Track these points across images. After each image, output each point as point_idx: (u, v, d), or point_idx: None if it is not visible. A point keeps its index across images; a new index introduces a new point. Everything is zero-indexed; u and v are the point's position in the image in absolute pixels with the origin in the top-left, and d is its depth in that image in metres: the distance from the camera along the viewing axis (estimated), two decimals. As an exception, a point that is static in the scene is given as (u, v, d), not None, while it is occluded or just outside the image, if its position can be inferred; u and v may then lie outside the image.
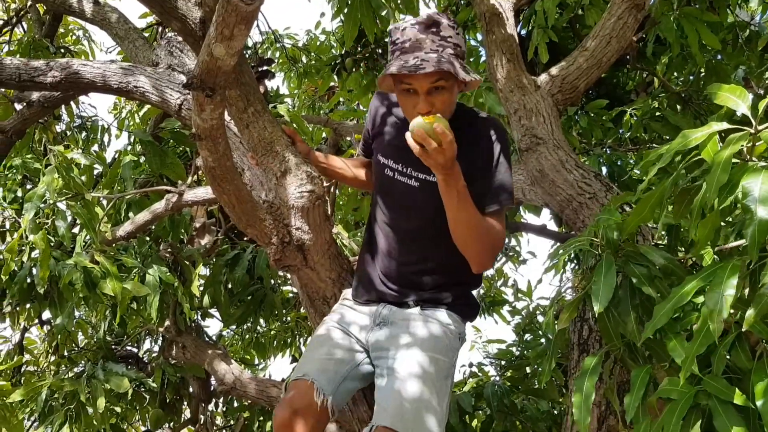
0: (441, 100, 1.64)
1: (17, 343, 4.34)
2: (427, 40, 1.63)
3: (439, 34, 1.64)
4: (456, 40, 1.67)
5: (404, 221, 1.88)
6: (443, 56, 1.61)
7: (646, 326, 1.27)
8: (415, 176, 1.82)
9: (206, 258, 3.27)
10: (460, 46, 1.68)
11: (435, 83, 1.62)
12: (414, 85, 1.62)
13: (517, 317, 5.54)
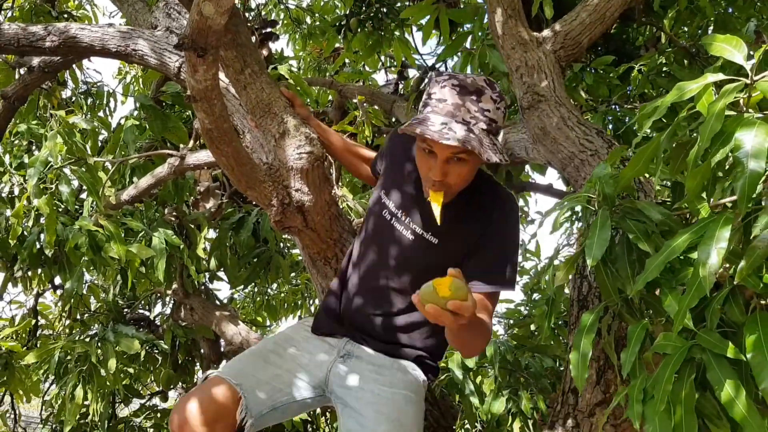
0: (458, 172, 1.55)
1: (31, 308, 4.41)
2: (463, 107, 1.51)
3: (478, 104, 1.52)
4: (494, 115, 1.53)
5: (389, 270, 1.78)
6: (473, 130, 1.48)
7: (637, 279, 1.27)
8: (413, 229, 1.73)
9: (211, 221, 3.29)
10: (496, 122, 1.55)
11: (456, 154, 1.51)
12: (435, 149, 1.52)
13: (525, 277, 5.55)
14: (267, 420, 1.70)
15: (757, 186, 0.97)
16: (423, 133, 1.45)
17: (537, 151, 2.59)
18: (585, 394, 1.82)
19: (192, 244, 3.15)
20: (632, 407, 1.31)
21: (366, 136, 3.83)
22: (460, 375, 2.79)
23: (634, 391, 1.33)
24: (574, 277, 2.04)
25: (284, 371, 1.74)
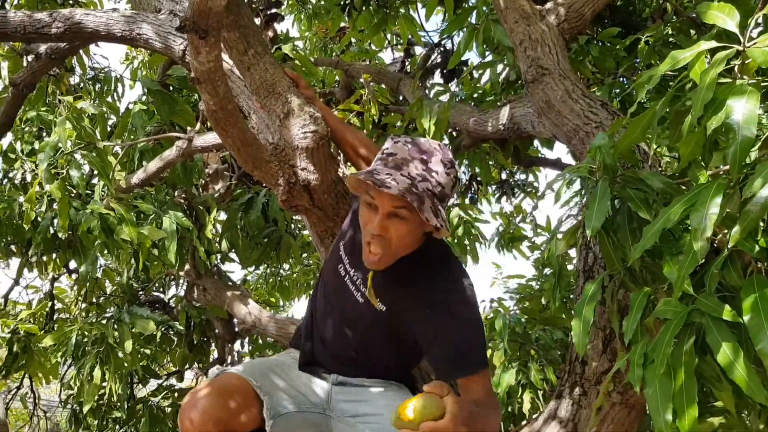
0: (396, 229, 1.48)
1: (48, 292, 4.49)
2: (411, 163, 1.48)
3: (427, 164, 1.49)
4: (441, 178, 1.49)
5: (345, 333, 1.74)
6: (417, 186, 1.44)
7: (634, 247, 1.29)
8: (362, 292, 1.66)
9: (221, 203, 3.32)
10: (443, 187, 1.49)
11: (397, 208, 1.46)
12: (376, 201, 1.47)
13: (536, 252, 5.57)
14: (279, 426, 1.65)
15: (749, 152, 0.98)
16: (366, 178, 1.43)
17: (542, 125, 2.60)
18: (592, 363, 1.85)
19: (202, 225, 3.19)
20: (633, 371, 1.34)
21: (372, 114, 3.85)
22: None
23: (635, 355, 1.36)
24: (580, 249, 2.06)
25: (290, 384, 1.73)
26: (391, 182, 1.41)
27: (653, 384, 1.30)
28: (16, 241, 3.54)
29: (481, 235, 3.94)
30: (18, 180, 3.54)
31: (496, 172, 6.02)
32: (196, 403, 1.53)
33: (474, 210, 3.92)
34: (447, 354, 1.52)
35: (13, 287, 4.44)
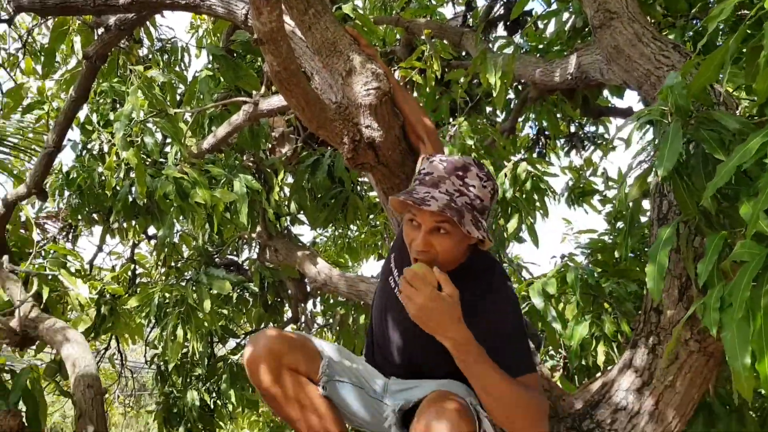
0: (440, 243, 1.52)
1: (129, 258, 4.70)
2: (448, 180, 1.54)
3: (463, 179, 1.54)
4: (479, 192, 1.54)
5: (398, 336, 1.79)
6: (456, 202, 1.50)
7: (708, 186, 1.24)
8: None
9: (288, 166, 3.38)
10: (482, 200, 1.55)
11: (439, 223, 1.50)
12: (418, 218, 1.52)
13: (608, 206, 5.43)
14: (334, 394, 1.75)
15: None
16: (405, 199, 1.48)
17: (612, 72, 2.51)
18: (667, 312, 1.81)
19: (270, 188, 3.26)
20: (709, 315, 1.30)
21: (435, 71, 3.80)
22: (541, 303, 2.80)
23: (711, 299, 1.32)
24: (654, 197, 2.00)
25: (354, 366, 1.82)
26: (430, 199, 1.46)
27: (731, 328, 1.27)
28: (97, 210, 3.71)
29: (551, 188, 3.86)
30: (96, 151, 3.69)
31: (564, 125, 5.87)
32: (260, 336, 1.69)
33: (542, 163, 3.84)
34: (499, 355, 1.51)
35: (97, 254, 4.67)
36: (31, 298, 2.53)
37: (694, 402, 1.79)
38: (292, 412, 1.70)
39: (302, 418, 1.71)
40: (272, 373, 1.65)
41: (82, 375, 1.99)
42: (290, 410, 1.70)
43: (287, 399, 1.69)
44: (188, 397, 4.06)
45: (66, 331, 2.24)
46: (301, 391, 1.70)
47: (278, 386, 1.67)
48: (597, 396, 1.88)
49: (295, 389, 1.69)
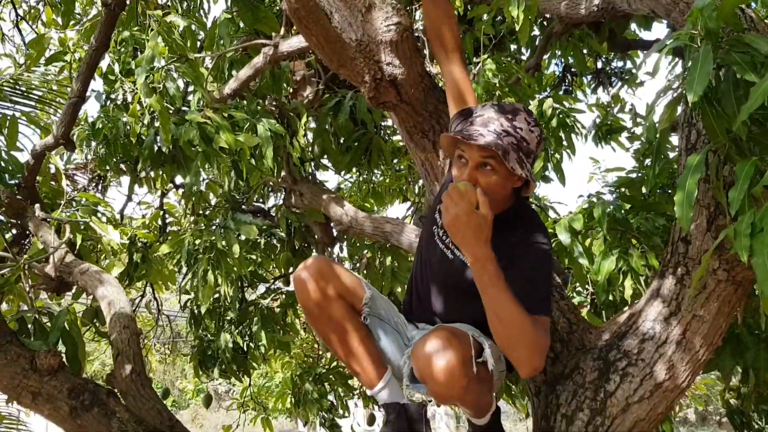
0: (486, 179, 1.61)
1: (158, 207, 4.76)
2: (497, 121, 1.63)
3: (512, 122, 1.63)
4: (526, 135, 1.63)
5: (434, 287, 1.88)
6: (503, 140, 1.59)
7: (741, 110, 1.21)
8: (452, 249, 1.81)
9: (310, 109, 3.37)
10: (528, 143, 1.64)
11: (485, 159, 1.59)
12: (466, 153, 1.62)
13: (636, 143, 5.34)
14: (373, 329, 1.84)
15: None
16: (455, 134, 1.62)
17: (639, 0, 2.43)
18: (695, 242, 1.79)
19: (294, 132, 3.25)
20: (740, 241, 1.29)
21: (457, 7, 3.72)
22: (567, 239, 2.80)
23: (742, 225, 1.31)
24: (682, 126, 1.96)
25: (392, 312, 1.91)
26: (478, 136, 1.57)
27: (762, 253, 1.25)
28: (125, 159, 3.75)
29: (578, 124, 3.80)
30: (120, 100, 3.70)
31: (590, 61, 5.74)
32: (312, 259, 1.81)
33: (569, 99, 3.77)
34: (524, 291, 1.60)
35: (126, 203, 4.74)
36: (65, 245, 2.59)
37: (721, 331, 1.79)
38: (332, 334, 1.79)
39: (341, 341, 1.80)
40: (319, 293, 1.74)
41: (118, 316, 2.05)
42: (330, 332, 1.79)
43: (330, 321, 1.77)
44: (221, 340, 4.17)
45: (100, 274, 2.30)
46: (344, 315, 1.78)
47: (323, 307, 1.75)
48: (624, 327, 1.89)
49: (338, 312, 1.77)
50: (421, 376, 1.59)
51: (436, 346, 1.53)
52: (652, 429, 1.85)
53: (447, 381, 1.52)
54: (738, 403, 3.69)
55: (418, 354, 1.56)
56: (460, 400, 1.66)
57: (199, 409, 18.90)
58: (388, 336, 1.86)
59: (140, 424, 1.73)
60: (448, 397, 1.61)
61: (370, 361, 1.82)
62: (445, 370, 1.50)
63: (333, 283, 1.76)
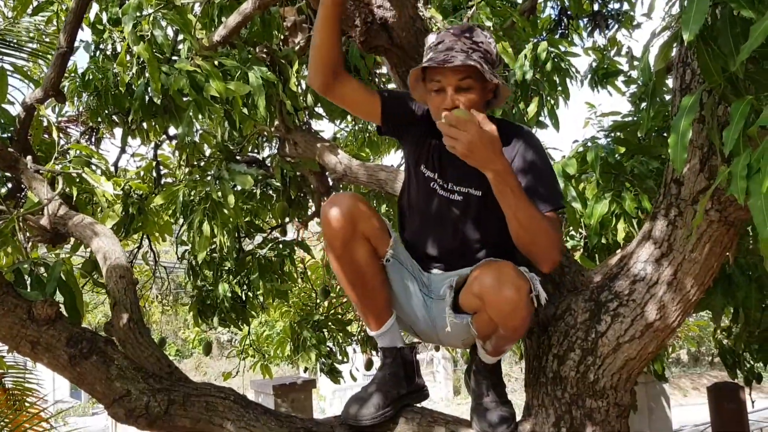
0: (467, 99, 1.67)
1: (152, 158, 4.73)
2: (459, 41, 1.68)
3: (471, 38, 1.70)
4: (487, 47, 1.71)
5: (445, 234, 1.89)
6: (472, 56, 1.65)
7: (741, 49, 1.19)
8: (458, 190, 1.84)
9: (302, 56, 3.31)
10: (491, 54, 1.71)
11: (462, 81, 1.66)
12: (442, 81, 1.67)
13: (632, 86, 5.29)
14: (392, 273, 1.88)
15: None
16: (429, 64, 1.64)
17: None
18: (688, 183, 1.79)
19: (286, 80, 3.21)
20: (736, 183, 1.28)
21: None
22: (561, 184, 2.80)
23: (738, 167, 1.29)
24: (677, 66, 1.93)
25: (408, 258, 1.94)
26: (452, 58, 1.62)
27: (758, 194, 1.25)
28: (116, 111, 3.71)
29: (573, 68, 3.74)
30: (109, 51, 3.64)
31: (587, 4, 5.64)
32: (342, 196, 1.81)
33: (564, 43, 3.71)
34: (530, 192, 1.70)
35: (120, 155, 4.71)
36: (59, 197, 2.58)
37: (713, 271, 1.81)
38: (350, 275, 1.81)
39: (358, 282, 1.83)
40: (347, 231, 1.75)
41: (113, 266, 2.06)
42: (349, 272, 1.81)
43: (351, 261, 1.79)
44: (220, 290, 4.21)
45: (94, 226, 2.30)
46: (366, 259, 1.80)
47: (347, 247, 1.77)
48: (616, 269, 1.91)
49: (362, 255, 1.79)
50: (479, 304, 1.69)
51: (505, 276, 1.63)
52: (643, 367, 1.89)
53: (512, 311, 1.63)
54: (729, 342, 3.76)
55: (484, 283, 1.66)
56: (513, 332, 1.72)
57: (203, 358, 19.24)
58: (405, 280, 1.90)
59: (139, 370, 1.75)
60: (508, 327, 1.69)
61: (379, 306, 1.87)
62: (513, 300, 1.61)
63: (362, 224, 1.77)
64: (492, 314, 1.67)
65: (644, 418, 5.53)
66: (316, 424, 1.84)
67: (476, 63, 1.63)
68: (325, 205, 1.79)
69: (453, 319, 1.78)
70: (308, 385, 5.86)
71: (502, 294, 1.61)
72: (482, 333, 1.78)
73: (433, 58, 1.65)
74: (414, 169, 1.91)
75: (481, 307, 1.70)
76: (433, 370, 18.25)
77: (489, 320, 1.70)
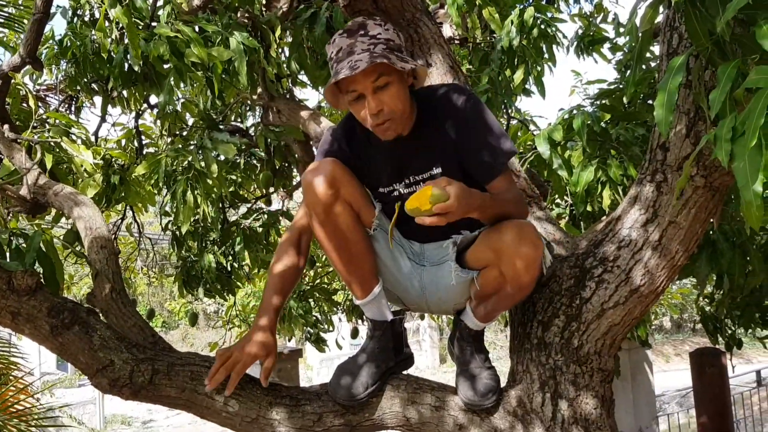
0: (389, 95, 1.63)
1: (134, 128, 4.66)
2: (357, 43, 1.63)
3: (368, 34, 1.64)
4: (386, 36, 1.66)
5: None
6: (376, 52, 1.60)
7: (727, 7, 1.17)
8: (422, 178, 1.80)
9: (284, 22, 3.25)
10: (393, 41, 1.67)
11: (376, 81, 1.61)
12: (359, 89, 1.62)
13: (618, 54, 5.26)
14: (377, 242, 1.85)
15: None
16: (338, 78, 1.59)
17: None
18: (674, 149, 1.78)
19: (268, 46, 3.15)
20: (720, 146, 1.27)
21: None
22: (547, 151, 2.79)
23: (723, 130, 1.28)
24: (664, 31, 1.91)
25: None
26: (356, 63, 1.56)
27: (743, 157, 1.24)
28: (95, 79, 3.63)
29: (559, 35, 3.71)
30: (87, 17, 3.56)
31: (574, -31, 5.58)
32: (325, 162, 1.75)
33: (551, 9, 3.67)
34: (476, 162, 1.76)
35: (100, 124, 4.63)
36: (38, 166, 2.53)
37: (697, 237, 1.81)
38: (334, 241, 1.77)
39: (342, 248, 1.79)
40: (330, 197, 1.70)
41: (95, 237, 2.03)
42: (333, 239, 1.76)
43: (335, 228, 1.75)
44: (205, 261, 4.19)
45: (75, 196, 2.26)
46: (350, 225, 1.76)
47: (330, 212, 1.72)
48: (601, 235, 1.91)
49: (345, 220, 1.75)
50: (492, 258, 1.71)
51: (526, 233, 1.65)
52: (626, 333, 1.90)
53: (527, 267, 1.65)
54: (711, 309, 3.80)
55: (504, 237, 1.66)
56: (519, 290, 1.74)
57: (189, 329, 19.29)
58: (393, 250, 1.87)
59: (122, 340, 1.74)
60: (517, 284, 1.71)
61: (365, 273, 1.84)
62: (530, 256, 1.64)
63: (344, 190, 1.73)
64: (505, 269, 1.68)
65: (627, 383, 5.62)
66: (301, 392, 1.84)
67: (383, 58, 1.57)
68: (307, 172, 1.74)
69: (459, 273, 1.78)
70: (295, 354, 5.88)
71: (521, 249, 1.63)
72: (485, 290, 1.78)
73: (339, 71, 1.60)
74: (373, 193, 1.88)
75: (493, 261, 1.71)
76: (419, 338, 18.41)
77: (497, 276, 1.71)
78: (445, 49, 2.28)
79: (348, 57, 1.61)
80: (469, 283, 1.80)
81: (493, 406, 1.81)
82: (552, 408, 1.82)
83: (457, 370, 1.90)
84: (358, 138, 1.84)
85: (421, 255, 1.91)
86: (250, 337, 1.79)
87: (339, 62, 1.63)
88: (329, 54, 1.70)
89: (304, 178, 1.75)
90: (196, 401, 1.74)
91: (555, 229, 2.12)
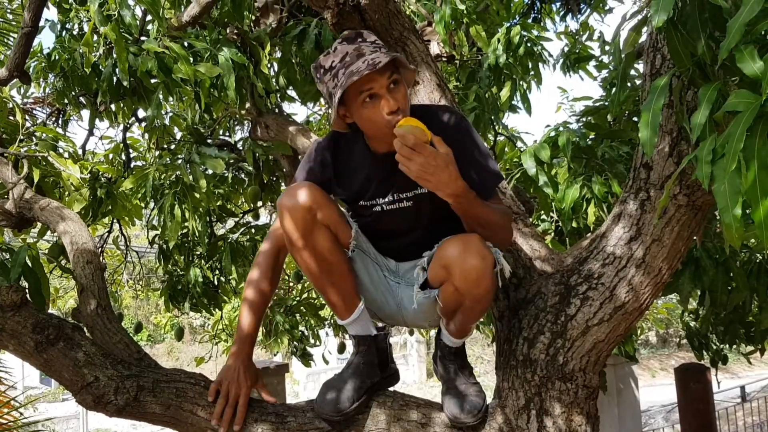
0: (402, 95, 1.64)
1: (121, 141, 4.65)
2: (362, 46, 1.65)
3: (366, 40, 1.68)
4: (380, 42, 1.71)
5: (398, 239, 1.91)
6: (383, 51, 1.64)
7: (721, 46, 1.20)
8: (406, 196, 1.81)
9: (274, 38, 3.26)
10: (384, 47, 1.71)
11: (391, 78, 1.62)
12: (375, 87, 1.60)
13: (604, 71, 5.32)
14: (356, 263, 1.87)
15: None
16: (361, 74, 1.54)
17: None
18: (657, 168, 1.81)
19: (257, 62, 3.16)
20: (701, 168, 1.29)
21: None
22: (533, 168, 2.81)
23: (703, 151, 1.31)
24: (647, 51, 1.94)
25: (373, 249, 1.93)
26: (374, 60, 1.56)
27: (722, 180, 1.26)
28: (83, 92, 3.63)
29: (545, 54, 3.75)
30: (76, 31, 3.56)
31: (560, -13, 5.65)
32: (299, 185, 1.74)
33: (537, 27, 3.71)
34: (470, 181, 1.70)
35: (88, 138, 4.61)
36: (24, 180, 2.52)
37: (680, 255, 1.84)
38: (313, 265, 1.76)
39: (323, 272, 1.78)
40: (308, 222, 1.70)
41: (81, 252, 2.02)
42: (312, 263, 1.75)
43: (314, 251, 1.74)
44: (191, 275, 4.17)
45: (61, 210, 2.26)
46: (329, 247, 1.75)
47: (309, 237, 1.72)
48: (585, 252, 1.92)
49: (324, 244, 1.74)
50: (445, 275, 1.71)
51: (471, 246, 1.64)
52: (611, 349, 1.91)
53: (477, 279, 1.64)
54: (696, 325, 3.83)
55: (451, 252, 1.67)
56: (477, 303, 1.73)
57: (175, 343, 19.12)
58: (368, 268, 1.89)
59: (107, 357, 1.73)
60: (472, 297, 1.70)
61: (346, 294, 1.84)
62: (477, 268, 1.63)
63: (321, 213, 1.71)
64: (457, 283, 1.67)
65: (613, 398, 5.63)
66: (287, 409, 1.84)
67: (396, 54, 1.63)
68: (281, 198, 1.73)
69: (420, 296, 1.79)
70: (281, 369, 5.84)
71: (467, 262, 1.63)
72: (447, 307, 1.78)
73: (354, 72, 1.57)
74: (352, 207, 1.90)
75: (446, 277, 1.71)
76: (405, 353, 18.37)
77: (454, 291, 1.71)
78: (432, 67, 2.31)
79: (360, 58, 1.60)
80: (434, 302, 1.81)
81: (479, 424, 1.82)
82: (537, 425, 1.83)
83: (442, 388, 1.91)
84: (342, 150, 1.85)
85: (396, 272, 1.94)
86: (238, 366, 1.82)
87: (348, 66, 1.60)
88: (330, 63, 1.66)
89: (279, 205, 1.73)
90: (181, 418, 1.73)
91: (540, 246, 2.13)
